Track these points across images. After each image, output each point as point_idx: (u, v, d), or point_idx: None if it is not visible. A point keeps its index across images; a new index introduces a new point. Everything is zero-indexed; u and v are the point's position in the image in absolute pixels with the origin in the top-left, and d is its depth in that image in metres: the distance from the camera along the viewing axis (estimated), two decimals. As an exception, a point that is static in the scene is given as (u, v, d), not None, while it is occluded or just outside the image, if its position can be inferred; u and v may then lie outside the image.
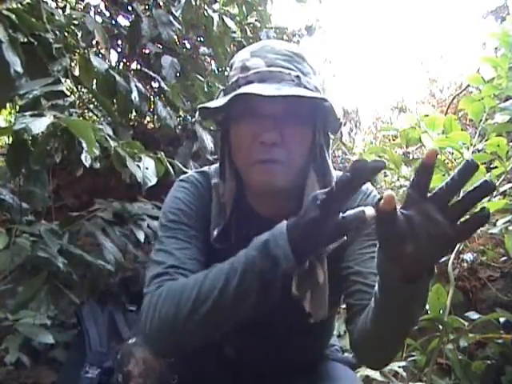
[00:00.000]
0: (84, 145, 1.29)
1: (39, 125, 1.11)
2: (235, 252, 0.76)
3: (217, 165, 0.92)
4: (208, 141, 2.14)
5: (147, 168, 1.45)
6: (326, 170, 0.85)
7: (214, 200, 0.89)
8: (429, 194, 0.57)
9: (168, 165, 1.57)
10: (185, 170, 1.64)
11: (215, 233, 0.85)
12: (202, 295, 0.70)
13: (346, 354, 1.16)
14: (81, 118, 1.47)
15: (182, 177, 0.95)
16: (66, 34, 1.89)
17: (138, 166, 1.43)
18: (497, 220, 1.82)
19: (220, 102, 0.78)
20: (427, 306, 1.50)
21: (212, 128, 2.21)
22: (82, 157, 1.36)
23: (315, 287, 0.79)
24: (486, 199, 1.78)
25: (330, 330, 1.05)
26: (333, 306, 0.95)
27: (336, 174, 0.88)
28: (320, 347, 1.04)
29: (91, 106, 2.15)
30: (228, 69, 0.88)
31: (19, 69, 1.22)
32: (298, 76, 0.79)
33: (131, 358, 0.85)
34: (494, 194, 1.79)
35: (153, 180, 1.45)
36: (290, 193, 0.84)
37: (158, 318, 0.73)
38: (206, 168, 0.97)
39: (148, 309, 0.75)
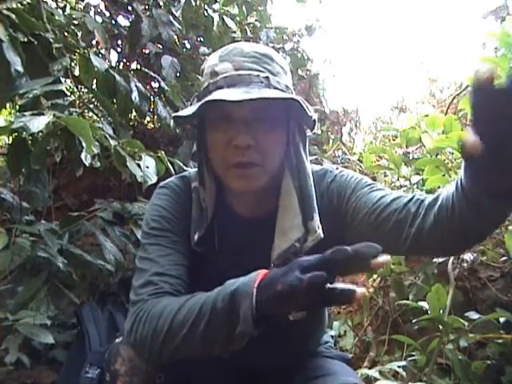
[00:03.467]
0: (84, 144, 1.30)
1: (37, 124, 1.12)
2: (218, 255, 0.79)
3: (196, 169, 0.93)
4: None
5: (147, 167, 1.45)
6: (301, 169, 0.86)
7: (194, 203, 0.89)
8: None
9: (168, 164, 1.57)
10: (185, 168, 1.64)
11: (196, 237, 0.86)
12: (173, 329, 0.72)
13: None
14: (80, 118, 1.47)
15: (161, 183, 0.96)
16: (66, 33, 1.89)
17: (139, 165, 1.43)
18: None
19: (190, 110, 0.79)
20: (427, 306, 1.50)
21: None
22: (82, 156, 1.36)
23: None
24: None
25: (321, 327, 1.04)
26: None
27: (313, 170, 0.89)
28: (313, 344, 1.04)
29: (91, 105, 2.15)
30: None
31: (19, 68, 1.23)
32: (267, 77, 0.79)
33: (118, 357, 0.85)
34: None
35: (153, 179, 1.45)
36: (267, 193, 0.86)
37: (139, 337, 0.76)
38: (185, 172, 0.98)
39: (132, 324, 0.78)
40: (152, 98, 1.95)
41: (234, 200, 0.91)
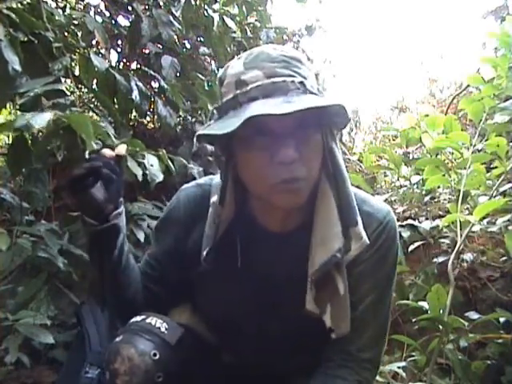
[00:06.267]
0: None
1: (40, 120, 1.11)
2: (241, 272, 0.82)
3: (219, 180, 0.88)
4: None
5: (152, 165, 1.44)
6: (338, 175, 0.80)
7: (208, 219, 0.87)
8: None
9: (169, 162, 1.57)
10: (187, 165, 1.64)
11: (204, 253, 0.85)
12: None
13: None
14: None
15: (183, 187, 0.95)
16: (66, 33, 1.89)
17: (139, 165, 1.43)
18: (496, 219, 1.82)
19: (226, 127, 0.70)
20: (427, 306, 1.51)
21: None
22: (86, 154, 1.36)
23: (335, 299, 0.79)
24: (486, 198, 1.78)
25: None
26: None
27: (354, 191, 0.85)
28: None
29: (92, 105, 2.15)
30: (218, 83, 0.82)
31: (17, 67, 1.22)
32: (301, 82, 0.74)
33: (117, 356, 0.84)
34: (494, 193, 1.80)
35: (159, 177, 1.44)
36: (301, 206, 0.80)
37: None
38: (208, 180, 0.94)
39: None
40: (152, 97, 1.95)
41: (261, 215, 0.86)
